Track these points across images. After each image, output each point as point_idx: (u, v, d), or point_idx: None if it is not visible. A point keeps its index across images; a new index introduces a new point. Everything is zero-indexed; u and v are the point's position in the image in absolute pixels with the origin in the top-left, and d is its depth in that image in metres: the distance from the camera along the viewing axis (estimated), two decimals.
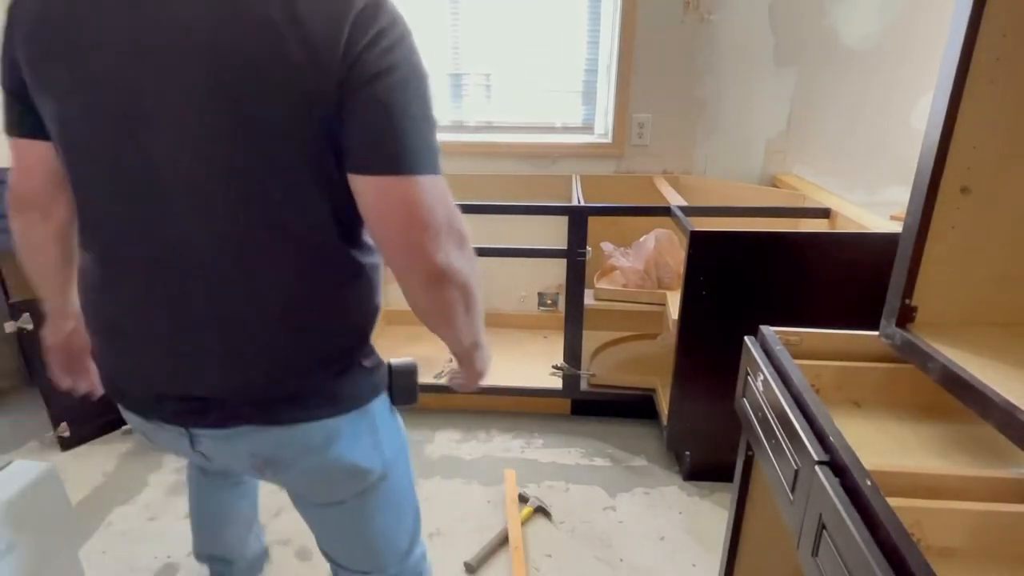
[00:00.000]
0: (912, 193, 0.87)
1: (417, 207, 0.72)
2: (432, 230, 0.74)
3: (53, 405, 2.05)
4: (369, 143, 0.70)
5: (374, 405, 0.90)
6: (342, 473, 0.89)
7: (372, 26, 0.70)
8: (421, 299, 0.79)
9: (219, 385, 0.80)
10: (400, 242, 0.75)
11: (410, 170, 0.71)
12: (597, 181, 2.53)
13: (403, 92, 0.71)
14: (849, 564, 0.67)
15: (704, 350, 1.78)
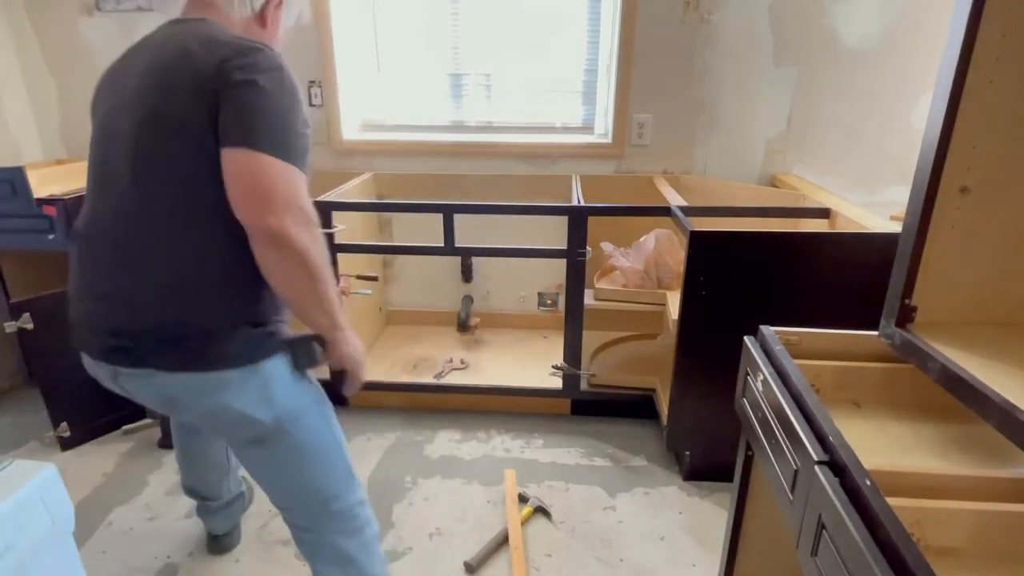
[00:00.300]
0: (912, 193, 0.87)
1: (259, 177, 0.94)
2: (270, 199, 0.94)
3: (53, 405, 2.05)
4: (231, 124, 0.95)
5: (267, 365, 1.05)
6: (232, 419, 1.06)
7: (241, 57, 0.97)
8: (263, 260, 0.98)
9: (128, 332, 1.01)
10: (244, 206, 0.95)
11: (255, 147, 0.94)
12: (597, 181, 2.53)
13: (259, 98, 0.96)
14: (849, 564, 0.67)
15: (704, 350, 1.78)
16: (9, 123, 2.53)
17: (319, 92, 2.52)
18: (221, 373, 1.01)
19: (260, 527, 1.76)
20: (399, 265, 2.81)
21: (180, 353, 1.00)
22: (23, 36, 2.53)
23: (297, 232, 0.95)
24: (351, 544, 1.19)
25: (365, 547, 1.21)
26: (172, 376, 1.01)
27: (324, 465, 1.15)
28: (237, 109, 0.95)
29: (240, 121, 0.95)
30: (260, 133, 0.95)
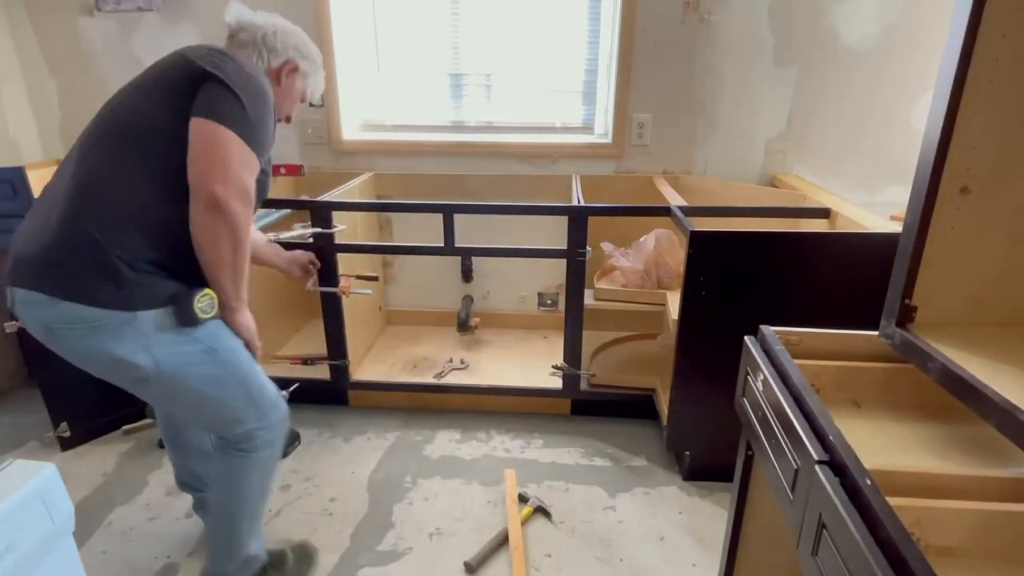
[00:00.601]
0: (912, 193, 0.87)
1: (216, 146, 1.10)
2: (222, 169, 1.10)
3: (53, 405, 2.05)
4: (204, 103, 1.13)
5: (146, 315, 1.15)
6: (109, 360, 1.16)
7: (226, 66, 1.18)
8: (197, 218, 1.12)
9: (30, 254, 1.13)
10: (197, 167, 1.10)
11: (217, 120, 1.11)
12: (597, 181, 2.53)
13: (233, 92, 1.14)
14: (849, 564, 0.67)
15: (704, 350, 1.78)
16: (9, 123, 2.53)
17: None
18: (88, 309, 1.11)
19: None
20: (399, 265, 2.81)
21: (55, 279, 1.11)
22: (23, 36, 2.53)
23: (235, 205, 1.11)
24: (245, 460, 1.34)
25: (258, 464, 1.36)
26: (47, 303, 1.12)
27: (219, 401, 1.27)
28: (211, 95, 1.13)
29: (212, 102, 1.13)
30: (229, 115, 1.12)
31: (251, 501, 1.40)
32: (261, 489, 1.40)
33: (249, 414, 1.31)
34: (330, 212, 2.02)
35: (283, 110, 1.43)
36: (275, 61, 1.37)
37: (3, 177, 2.08)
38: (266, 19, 1.39)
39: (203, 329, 1.22)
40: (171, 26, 2.47)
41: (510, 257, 2.53)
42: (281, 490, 1.92)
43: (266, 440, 1.35)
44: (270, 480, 1.42)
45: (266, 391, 1.35)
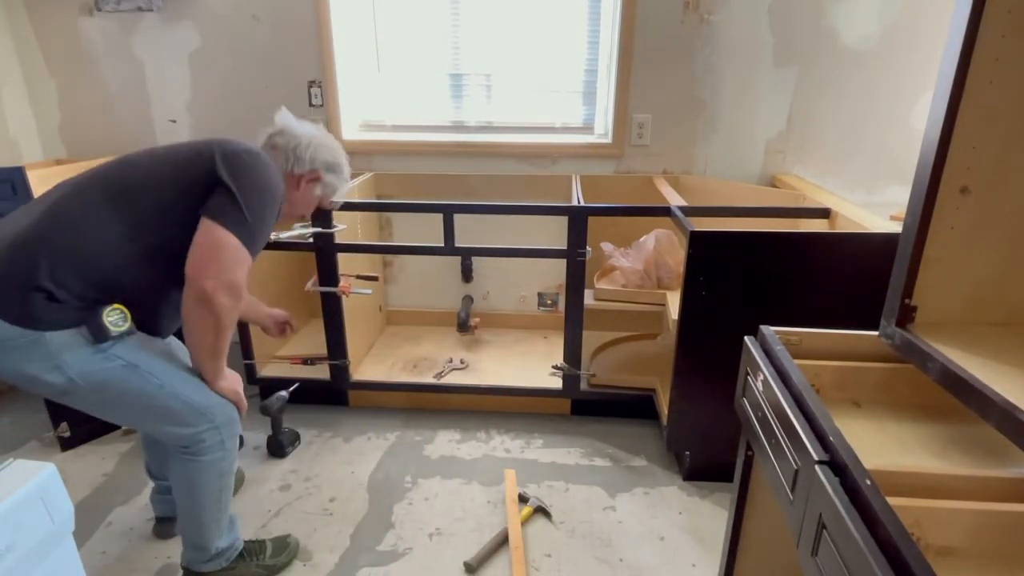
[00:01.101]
0: (912, 193, 0.87)
1: (213, 247, 1.21)
2: (215, 266, 1.20)
3: (53, 405, 2.05)
4: (216, 204, 1.24)
5: (53, 336, 1.18)
6: (23, 377, 1.21)
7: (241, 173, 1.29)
8: (188, 307, 1.24)
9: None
10: (193, 260, 1.21)
11: (222, 224, 1.22)
12: (597, 181, 2.53)
13: (232, 199, 1.25)
14: (849, 564, 0.67)
15: (704, 350, 1.78)
16: (9, 123, 2.53)
17: (319, 92, 2.52)
18: (4, 327, 1.16)
19: (260, 527, 1.76)
20: (399, 265, 2.81)
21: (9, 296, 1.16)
22: (23, 36, 2.53)
23: (222, 299, 1.22)
24: (197, 464, 1.38)
25: (211, 467, 1.39)
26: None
27: (153, 411, 1.31)
28: (221, 202, 1.24)
29: (221, 208, 1.23)
30: (233, 221, 1.23)
31: (210, 501, 1.42)
32: (220, 487, 1.43)
33: (191, 419, 1.33)
34: (330, 212, 2.02)
35: (297, 209, 1.58)
36: (299, 169, 1.51)
37: (3, 177, 2.08)
38: (306, 131, 1.54)
39: (120, 345, 1.25)
40: (171, 26, 2.47)
41: (510, 257, 2.53)
42: (281, 490, 1.92)
43: (216, 442, 1.37)
44: (227, 478, 1.45)
45: (208, 396, 1.36)
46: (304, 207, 1.59)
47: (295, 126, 1.55)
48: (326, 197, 1.62)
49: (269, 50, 2.49)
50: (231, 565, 1.53)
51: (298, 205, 1.56)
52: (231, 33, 2.47)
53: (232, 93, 2.56)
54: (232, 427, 1.41)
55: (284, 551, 1.62)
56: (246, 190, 1.26)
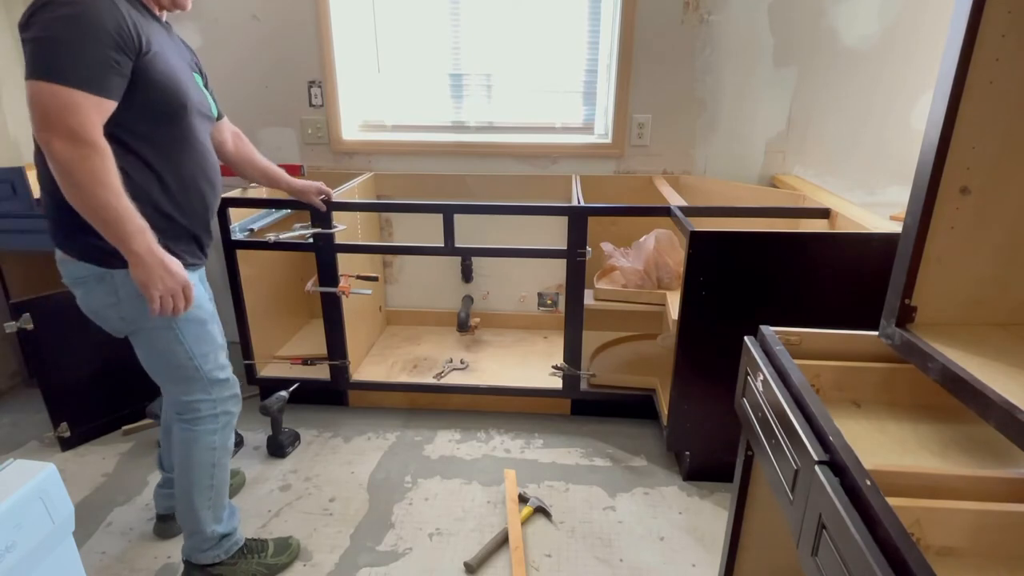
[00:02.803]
0: (912, 193, 0.87)
1: (33, 100, 1.12)
2: (40, 118, 1.12)
3: (53, 405, 2.05)
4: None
5: (116, 275, 1.27)
6: (93, 314, 1.33)
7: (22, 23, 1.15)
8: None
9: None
10: (32, 124, 1.13)
11: (28, 76, 1.12)
12: (597, 181, 2.53)
13: (33, 32, 1.12)
14: (849, 564, 0.67)
15: (704, 350, 1.78)
16: (9, 123, 2.53)
17: (319, 92, 2.52)
18: (72, 260, 1.26)
19: (260, 527, 1.76)
20: (399, 265, 2.82)
21: (56, 234, 1.27)
22: None
23: (59, 147, 1.10)
24: (190, 434, 1.44)
25: (202, 440, 1.45)
26: (59, 258, 1.29)
27: (167, 364, 1.39)
28: (24, 50, 1.14)
29: (26, 59, 1.13)
30: (31, 65, 1.11)
31: (202, 477, 1.47)
32: (212, 464, 1.47)
33: (194, 385, 1.41)
34: (330, 212, 2.02)
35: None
36: None
37: (3, 177, 2.08)
38: None
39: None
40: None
41: (510, 257, 2.53)
42: (281, 490, 1.92)
43: (210, 414, 1.44)
44: (220, 456, 1.49)
45: (218, 368, 1.43)
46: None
47: None
48: None
49: (269, 50, 2.49)
50: (231, 559, 1.55)
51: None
52: (231, 33, 2.47)
53: (232, 93, 2.56)
54: (228, 404, 1.47)
55: (286, 551, 1.63)
56: (32, 31, 1.12)
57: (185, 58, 1.43)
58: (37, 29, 1.11)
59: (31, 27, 1.12)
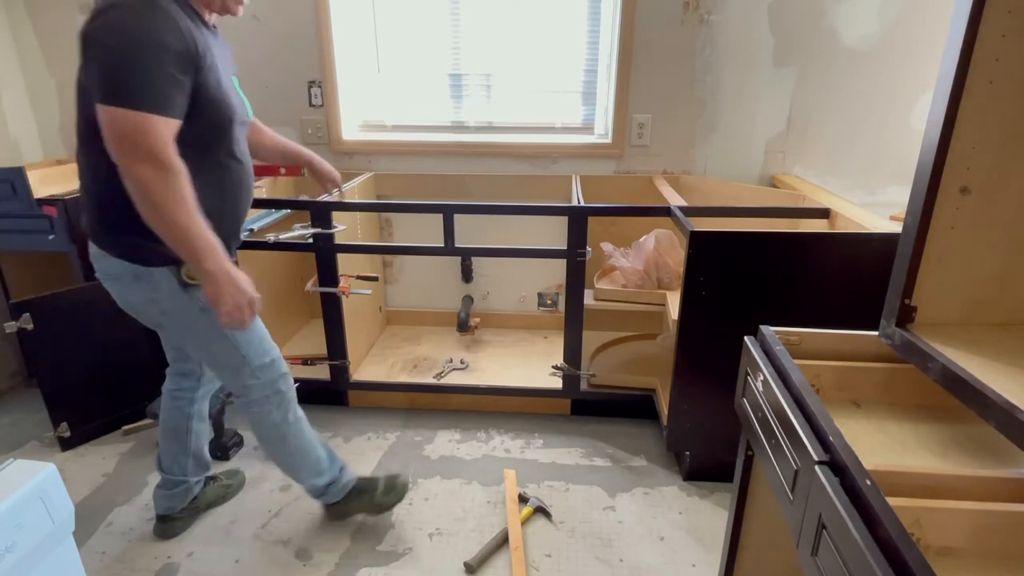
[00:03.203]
0: (912, 193, 0.87)
1: (105, 128, 1.17)
2: (117, 144, 1.15)
3: (53, 405, 2.05)
4: (91, 84, 1.20)
5: (153, 273, 1.32)
6: (129, 308, 1.39)
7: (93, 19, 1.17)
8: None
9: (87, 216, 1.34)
10: (110, 149, 1.17)
11: (101, 101, 1.16)
12: (597, 181, 2.53)
13: (95, 50, 1.16)
14: (849, 564, 0.67)
15: (704, 350, 1.78)
16: (9, 123, 2.53)
17: (319, 92, 2.52)
18: (109, 257, 1.31)
19: (260, 527, 1.76)
20: (399, 265, 2.82)
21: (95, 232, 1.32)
22: (23, 36, 2.53)
23: (142, 172, 1.14)
24: (250, 413, 1.53)
25: (264, 419, 1.52)
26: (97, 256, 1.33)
27: (212, 354, 1.45)
28: (89, 73, 1.18)
29: (93, 82, 1.16)
30: (105, 88, 1.14)
31: (278, 447, 1.57)
32: (282, 436, 1.55)
33: (242, 371, 1.46)
34: (330, 212, 2.02)
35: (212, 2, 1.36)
36: None
37: (3, 177, 2.09)
38: None
39: (201, 291, 1.32)
40: None
41: (510, 257, 2.53)
42: (281, 490, 1.92)
43: (262, 396, 1.50)
44: (285, 427, 1.55)
45: (262, 353, 1.48)
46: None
47: None
48: None
49: (269, 50, 2.49)
50: (345, 499, 1.69)
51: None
52: (231, 33, 2.46)
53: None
54: (277, 385, 1.52)
55: (394, 490, 1.73)
56: (99, 52, 1.15)
57: (228, 62, 1.44)
58: (104, 51, 1.14)
59: (96, 47, 1.15)
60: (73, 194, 2.20)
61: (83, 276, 2.19)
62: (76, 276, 2.20)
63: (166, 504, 1.71)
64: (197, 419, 1.71)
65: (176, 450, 1.69)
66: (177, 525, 1.74)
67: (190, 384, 1.67)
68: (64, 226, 2.14)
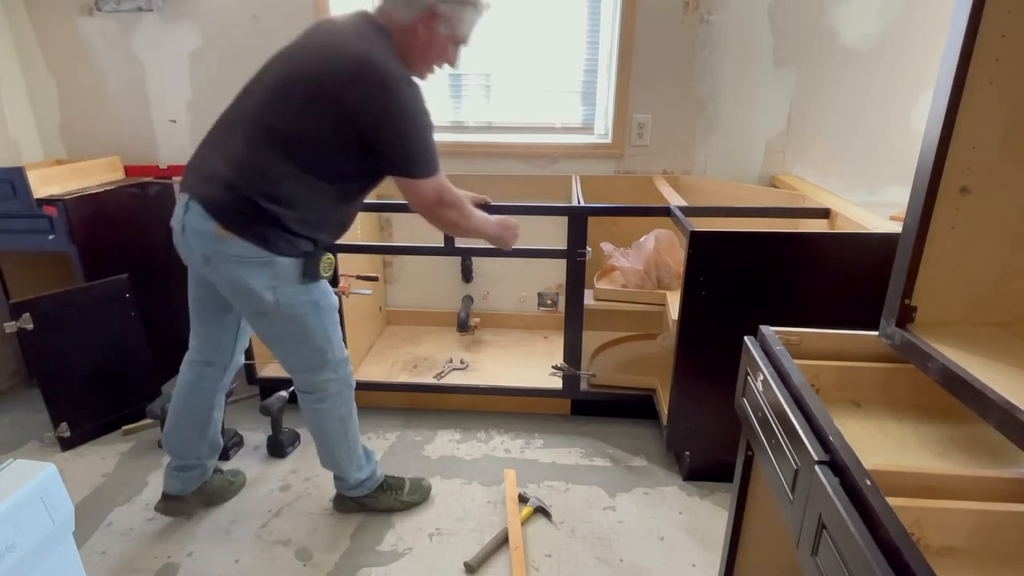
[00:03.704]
0: (912, 193, 0.87)
1: (411, 195, 1.48)
2: (423, 204, 1.50)
3: (53, 405, 2.05)
4: (388, 156, 1.43)
5: (281, 261, 1.42)
6: (243, 290, 1.42)
7: (377, 127, 1.42)
8: (436, 225, 1.59)
9: (211, 191, 1.38)
10: (413, 206, 1.53)
11: (400, 176, 1.46)
12: (597, 181, 2.53)
13: (392, 150, 1.44)
14: (849, 564, 0.67)
15: (704, 350, 1.78)
16: (9, 123, 2.53)
17: None
18: (238, 240, 1.36)
19: (260, 527, 1.76)
20: (399, 265, 2.81)
21: (231, 219, 1.36)
22: (23, 36, 2.53)
23: (446, 214, 1.52)
24: (319, 410, 1.63)
25: (332, 413, 1.63)
26: (210, 229, 1.36)
27: (305, 347, 1.54)
28: (390, 158, 1.41)
29: (393, 163, 1.42)
30: (418, 164, 1.42)
31: (337, 440, 1.67)
32: (344, 430, 1.67)
33: (326, 367, 1.58)
34: None
35: (432, 59, 1.47)
36: (409, 15, 1.39)
37: (3, 177, 2.09)
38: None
39: (316, 287, 1.50)
40: (171, 26, 2.47)
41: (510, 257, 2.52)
42: (281, 490, 1.92)
43: (335, 391, 1.62)
44: (348, 422, 1.68)
45: (343, 350, 1.62)
46: (438, 54, 1.46)
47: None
48: (458, 32, 1.45)
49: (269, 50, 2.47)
50: (373, 494, 1.77)
51: (428, 54, 1.45)
52: (231, 33, 2.47)
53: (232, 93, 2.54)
54: (350, 379, 1.66)
55: (419, 491, 1.84)
56: (407, 138, 1.38)
57: None
58: (412, 138, 1.38)
59: (403, 135, 1.37)
60: (72, 194, 2.20)
61: (83, 276, 2.20)
62: (76, 276, 2.20)
63: (179, 486, 1.73)
64: (217, 409, 1.73)
65: (193, 438, 1.70)
66: (184, 506, 1.75)
67: (215, 374, 1.68)
68: (64, 226, 2.14)
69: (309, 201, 1.41)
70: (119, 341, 2.16)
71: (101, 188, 2.35)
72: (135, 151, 2.66)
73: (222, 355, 1.67)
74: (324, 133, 1.35)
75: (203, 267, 1.44)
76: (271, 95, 1.38)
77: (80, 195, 2.22)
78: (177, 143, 2.66)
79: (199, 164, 1.44)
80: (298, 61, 1.39)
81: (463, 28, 1.45)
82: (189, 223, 1.39)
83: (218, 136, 1.45)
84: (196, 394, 1.68)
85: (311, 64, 1.35)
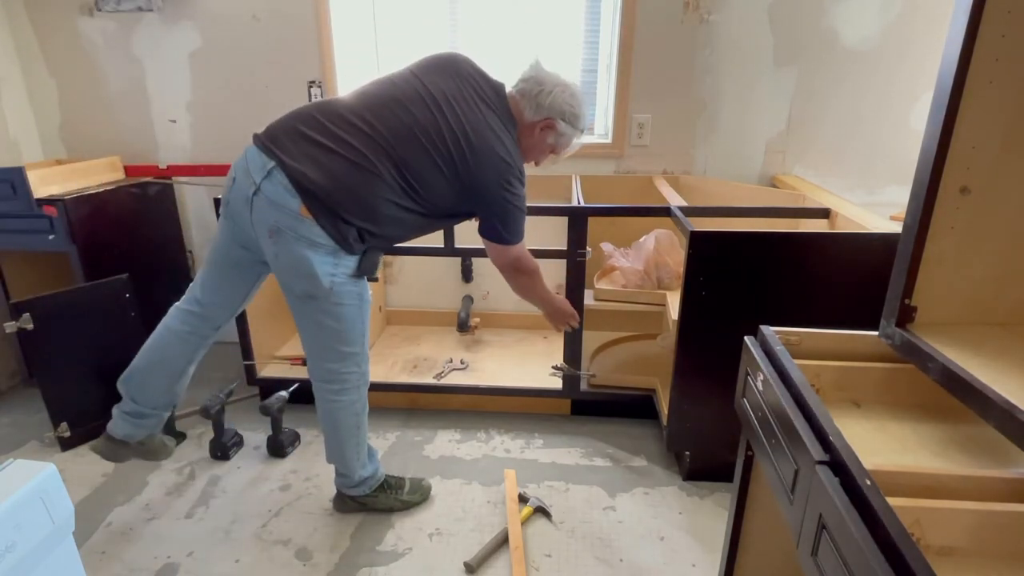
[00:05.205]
0: (912, 193, 0.87)
1: (495, 257, 1.66)
2: (504, 265, 1.68)
3: (53, 405, 2.05)
4: (489, 222, 1.62)
5: (345, 255, 1.50)
6: (305, 271, 1.45)
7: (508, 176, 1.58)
8: (512, 287, 1.76)
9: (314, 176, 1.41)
10: (499, 268, 1.69)
11: (501, 242, 1.63)
12: (597, 181, 2.53)
13: (494, 218, 1.62)
14: (849, 564, 0.67)
15: (704, 350, 1.78)
16: (9, 123, 2.53)
17: (319, 92, 2.52)
18: (317, 226, 1.42)
19: (260, 527, 1.76)
20: (399, 265, 2.81)
21: (325, 207, 1.42)
22: (23, 36, 2.53)
23: (518, 279, 1.71)
24: (334, 402, 1.65)
25: (347, 407, 1.65)
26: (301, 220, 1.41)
27: (340, 337, 1.58)
28: (491, 225, 1.59)
29: (491, 230, 1.59)
30: (511, 229, 1.59)
31: (349, 435, 1.69)
32: (357, 425, 1.69)
33: (353, 359, 1.62)
34: None
35: (530, 156, 1.68)
36: (535, 116, 1.63)
37: (3, 177, 2.09)
38: (552, 79, 1.67)
39: (363, 282, 1.58)
40: (171, 26, 2.47)
41: None
42: (281, 490, 1.92)
43: (356, 384, 1.65)
44: (361, 417, 1.70)
45: (367, 345, 1.67)
46: (536, 154, 1.68)
47: (543, 73, 1.69)
48: (560, 146, 1.68)
49: (269, 50, 2.49)
50: (373, 493, 1.78)
51: (531, 152, 1.67)
52: (231, 33, 2.47)
53: (232, 93, 2.57)
54: (368, 374, 1.69)
55: (419, 490, 1.85)
56: (509, 201, 1.55)
57: None
58: (513, 215, 1.57)
59: (507, 212, 1.56)
60: (72, 194, 2.20)
61: (83, 276, 2.20)
62: (76, 276, 2.20)
63: (129, 431, 1.71)
64: (194, 364, 1.73)
65: (161, 387, 1.70)
66: (125, 452, 1.74)
67: (206, 330, 1.69)
68: (64, 226, 2.14)
69: (397, 223, 1.53)
70: (119, 341, 2.15)
71: (101, 188, 2.35)
72: (135, 151, 2.66)
73: (222, 313, 1.69)
74: (445, 188, 1.51)
75: (265, 236, 1.45)
76: (407, 132, 1.46)
77: (80, 195, 2.22)
78: (177, 143, 2.66)
79: (298, 139, 1.45)
80: (445, 121, 1.48)
81: (562, 144, 1.68)
82: (267, 190, 1.41)
83: (332, 124, 1.46)
84: (181, 344, 1.67)
85: (457, 134, 1.48)
